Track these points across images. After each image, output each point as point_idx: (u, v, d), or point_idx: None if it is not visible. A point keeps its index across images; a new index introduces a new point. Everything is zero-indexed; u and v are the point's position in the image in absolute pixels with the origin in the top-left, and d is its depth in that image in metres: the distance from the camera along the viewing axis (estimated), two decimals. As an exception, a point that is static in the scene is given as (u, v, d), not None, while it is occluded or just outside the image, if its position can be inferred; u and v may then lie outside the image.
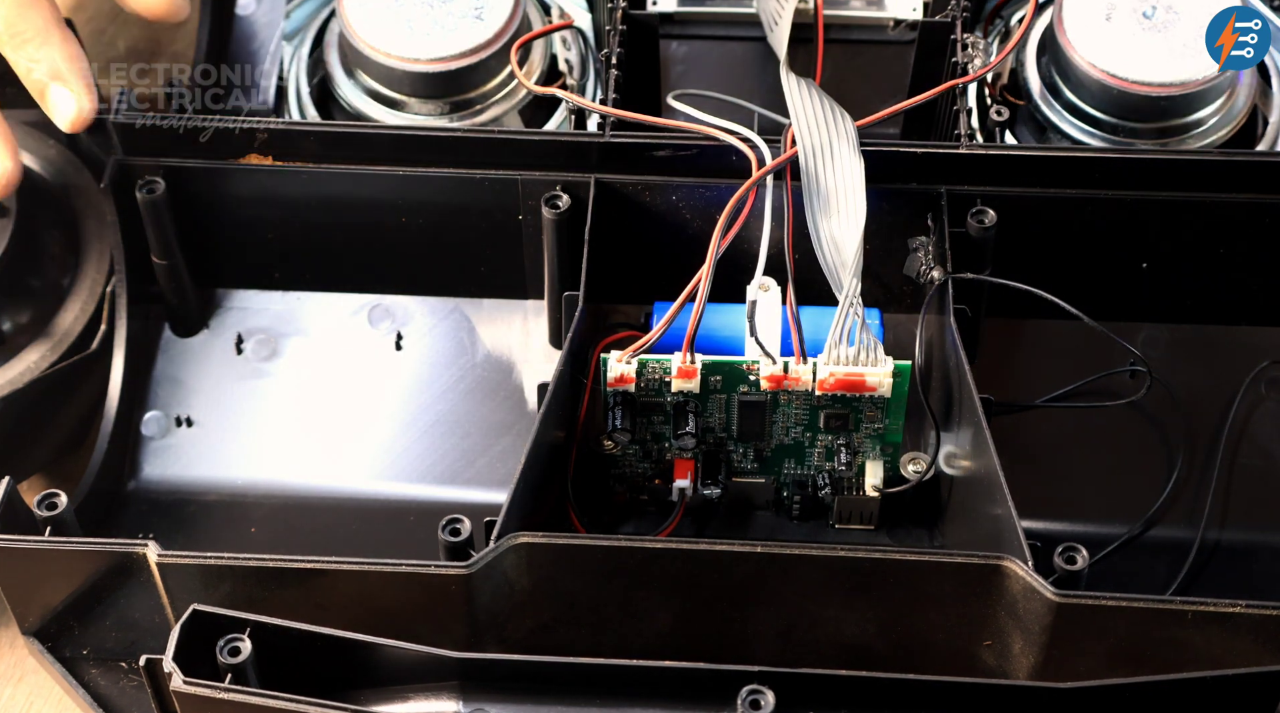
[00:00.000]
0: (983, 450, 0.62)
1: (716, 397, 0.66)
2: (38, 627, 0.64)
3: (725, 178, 0.67)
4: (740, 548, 0.60)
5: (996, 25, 0.78)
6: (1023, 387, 0.73)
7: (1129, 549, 0.69)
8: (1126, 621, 0.58)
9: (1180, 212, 0.69)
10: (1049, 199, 0.70)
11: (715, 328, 0.67)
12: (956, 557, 0.59)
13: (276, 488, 0.72)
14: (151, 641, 0.64)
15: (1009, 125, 0.74)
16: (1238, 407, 0.72)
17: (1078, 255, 0.71)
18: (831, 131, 0.66)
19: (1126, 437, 0.72)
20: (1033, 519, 0.67)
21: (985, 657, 0.62)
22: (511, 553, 0.59)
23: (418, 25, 0.73)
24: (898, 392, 0.65)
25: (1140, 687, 0.55)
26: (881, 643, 0.62)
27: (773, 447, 0.68)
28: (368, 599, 0.60)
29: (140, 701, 0.64)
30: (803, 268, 0.65)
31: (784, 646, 0.63)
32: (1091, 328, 0.69)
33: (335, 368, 0.74)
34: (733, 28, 0.82)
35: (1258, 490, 0.70)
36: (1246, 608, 0.57)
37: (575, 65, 0.77)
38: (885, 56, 0.81)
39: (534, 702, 0.57)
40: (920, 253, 0.68)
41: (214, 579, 0.60)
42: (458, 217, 0.72)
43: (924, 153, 0.69)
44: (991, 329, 0.72)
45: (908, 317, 0.70)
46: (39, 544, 0.61)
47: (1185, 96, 0.71)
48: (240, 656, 0.55)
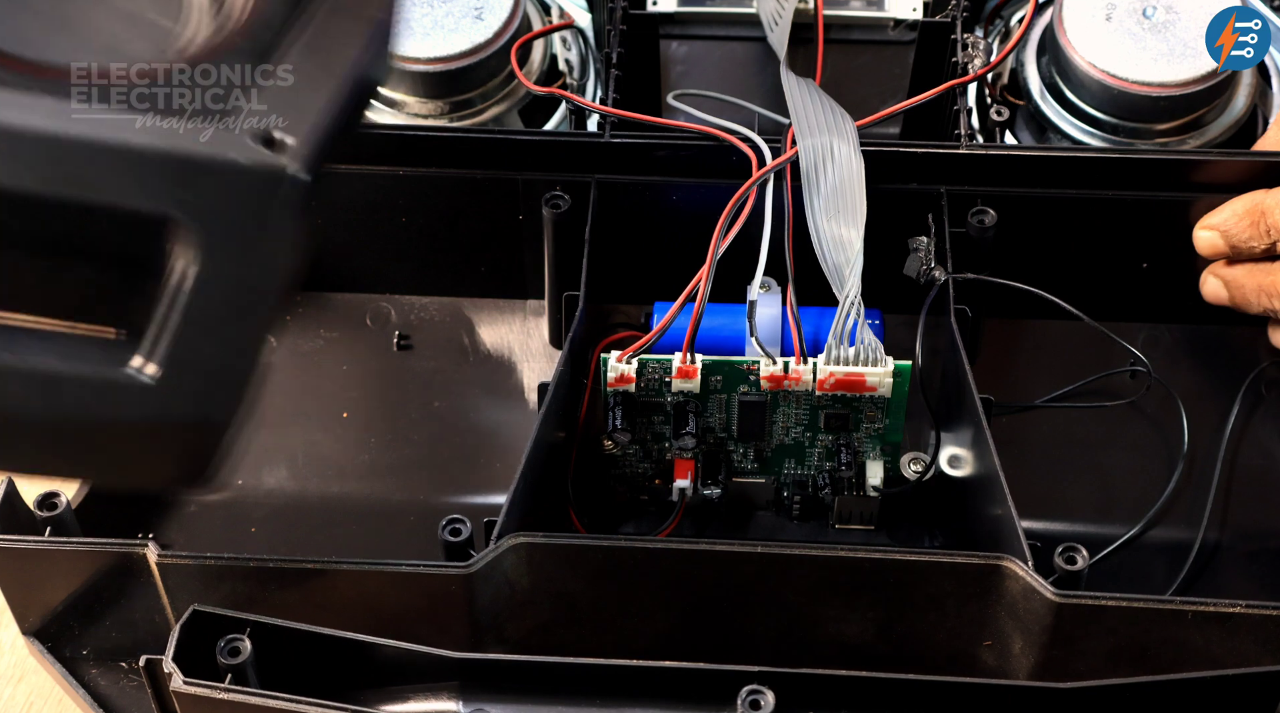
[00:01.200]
0: (983, 450, 0.62)
1: (716, 397, 0.66)
2: (38, 627, 0.64)
3: (725, 178, 0.67)
4: (740, 548, 0.60)
5: (996, 25, 0.78)
6: (1023, 387, 0.73)
7: (1129, 549, 0.69)
8: (1126, 621, 0.58)
9: (1180, 211, 0.69)
10: (1049, 199, 0.70)
11: (715, 328, 0.67)
12: (956, 557, 0.59)
13: (276, 488, 0.72)
14: (151, 641, 0.64)
15: (1009, 125, 0.74)
16: (1238, 407, 0.72)
17: (1078, 255, 0.71)
18: (831, 131, 0.66)
19: (1126, 437, 0.72)
20: (1033, 519, 0.67)
21: (985, 657, 0.62)
22: (511, 553, 0.59)
23: (417, 25, 0.73)
24: (898, 392, 0.65)
25: (1140, 687, 0.55)
26: (881, 643, 0.62)
27: (773, 447, 0.68)
28: (368, 599, 0.60)
29: (140, 701, 0.64)
30: (803, 268, 0.65)
31: (784, 646, 0.63)
32: (1091, 328, 0.69)
33: (335, 368, 0.74)
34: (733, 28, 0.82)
35: (1258, 490, 0.70)
36: (1246, 608, 0.57)
37: (575, 65, 0.77)
38: (885, 56, 0.81)
39: (534, 702, 0.57)
40: (920, 253, 0.68)
41: (214, 579, 0.60)
42: (458, 217, 0.72)
43: (924, 153, 0.69)
44: (991, 329, 0.72)
45: (908, 317, 0.70)
46: (39, 544, 0.61)
47: (1185, 96, 0.71)
48: (240, 656, 0.55)
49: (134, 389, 0.48)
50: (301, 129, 0.49)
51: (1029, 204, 0.70)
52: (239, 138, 0.48)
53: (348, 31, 0.53)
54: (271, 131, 0.49)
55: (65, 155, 0.48)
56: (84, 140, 0.48)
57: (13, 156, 0.47)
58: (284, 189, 0.49)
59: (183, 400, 0.49)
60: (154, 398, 0.49)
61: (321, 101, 0.51)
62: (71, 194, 0.48)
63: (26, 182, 0.47)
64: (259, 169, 0.48)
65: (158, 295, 0.49)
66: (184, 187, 0.48)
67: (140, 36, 0.53)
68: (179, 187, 0.48)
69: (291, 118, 0.49)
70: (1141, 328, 0.74)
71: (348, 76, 0.52)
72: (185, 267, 0.48)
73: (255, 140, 0.48)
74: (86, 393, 0.48)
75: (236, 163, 0.48)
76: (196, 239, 0.48)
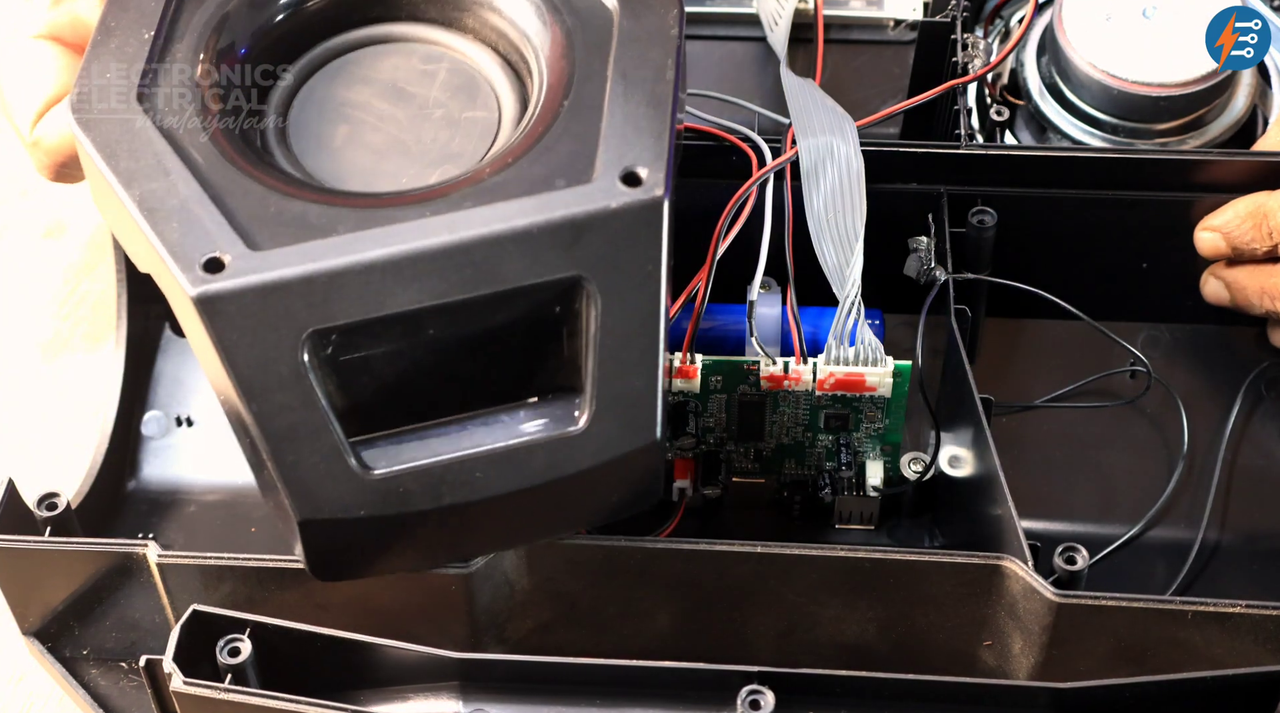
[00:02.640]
0: (983, 450, 0.62)
1: (716, 397, 0.66)
2: (38, 627, 0.64)
3: (725, 178, 0.67)
4: (740, 548, 0.60)
5: (996, 25, 0.78)
6: (1023, 387, 0.73)
7: (1129, 549, 0.69)
8: (1126, 621, 0.58)
9: (1180, 211, 0.69)
10: (1049, 199, 0.70)
11: (715, 328, 0.67)
12: (956, 557, 0.59)
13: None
14: (151, 641, 0.64)
15: (1009, 125, 0.74)
16: (1238, 407, 0.72)
17: (1078, 255, 0.71)
18: (831, 131, 0.66)
19: (1126, 437, 0.72)
20: (1033, 519, 0.67)
21: (985, 657, 0.62)
22: (511, 553, 0.59)
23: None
24: (898, 392, 0.65)
25: (1140, 687, 0.55)
26: (881, 643, 0.62)
27: (773, 447, 0.68)
28: (368, 599, 0.60)
29: (140, 701, 0.64)
30: (803, 268, 0.65)
31: (784, 646, 0.63)
32: (1091, 328, 0.69)
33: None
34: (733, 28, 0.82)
35: (1258, 490, 0.70)
36: (1246, 608, 0.57)
37: (575, 65, 0.77)
38: (885, 56, 0.81)
39: (534, 702, 0.57)
40: (920, 253, 0.68)
41: (214, 579, 0.60)
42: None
43: (924, 153, 0.69)
44: (991, 329, 0.72)
45: (908, 317, 0.70)
46: (39, 544, 0.61)
47: (1185, 96, 0.71)
48: (240, 656, 0.55)
49: (580, 438, 0.53)
50: (652, 158, 0.53)
51: (1029, 204, 0.70)
52: (602, 186, 0.53)
53: (655, 59, 0.57)
54: (634, 169, 0.53)
55: (467, 258, 0.52)
56: (479, 239, 0.52)
57: (425, 277, 0.52)
58: (658, 215, 0.53)
59: (621, 434, 0.53)
60: (597, 440, 0.53)
61: (661, 126, 0.55)
62: (484, 290, 0.52)
63: (444, 293, 0.52)
64: (634, 207, 0.53)
65: (580, 349, 0.53)
66: (574, 246, 0.52)
67: (466, 134, 0.58)
68: (570, 248, 0.52)
69: (639, 148, 0.54)
70: (1141, 328, 0.74)
71: (672, 98, 0.56)
72: (593, 316, 0.52)
73: (621, 181, 0.53)
74: (542, 457, 0.53)
75: (611, 208, 0.52)
76: (596, 287, 0.52)
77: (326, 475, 0.52)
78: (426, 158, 0.58)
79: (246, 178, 0.54)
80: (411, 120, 0.59)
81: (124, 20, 0.57)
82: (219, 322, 0.51)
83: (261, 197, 0.54)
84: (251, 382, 0.51)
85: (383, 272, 0.51)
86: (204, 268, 0.51)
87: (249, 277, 0.51)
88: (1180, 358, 0.73)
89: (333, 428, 0.52)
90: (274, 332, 0.51)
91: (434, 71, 0.61)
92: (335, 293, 0.51)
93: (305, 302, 0.51)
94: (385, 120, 0.59)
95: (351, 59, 0.61)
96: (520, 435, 0.53)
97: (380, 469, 0.52)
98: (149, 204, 0.53)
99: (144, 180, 0.53)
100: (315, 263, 0.51)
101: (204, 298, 0.51)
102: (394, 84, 0.60)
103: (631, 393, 0.53)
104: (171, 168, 0.54)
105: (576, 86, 0.56)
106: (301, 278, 0.51)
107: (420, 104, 0.60)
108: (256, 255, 0.52)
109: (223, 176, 0.54)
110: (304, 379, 0.51)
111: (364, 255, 0.51)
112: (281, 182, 0.55)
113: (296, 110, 0.60)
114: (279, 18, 0.60)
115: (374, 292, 0.51)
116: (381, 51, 0.61)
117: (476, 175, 0.54)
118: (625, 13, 0.58)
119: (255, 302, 0.51)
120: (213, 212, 0.53)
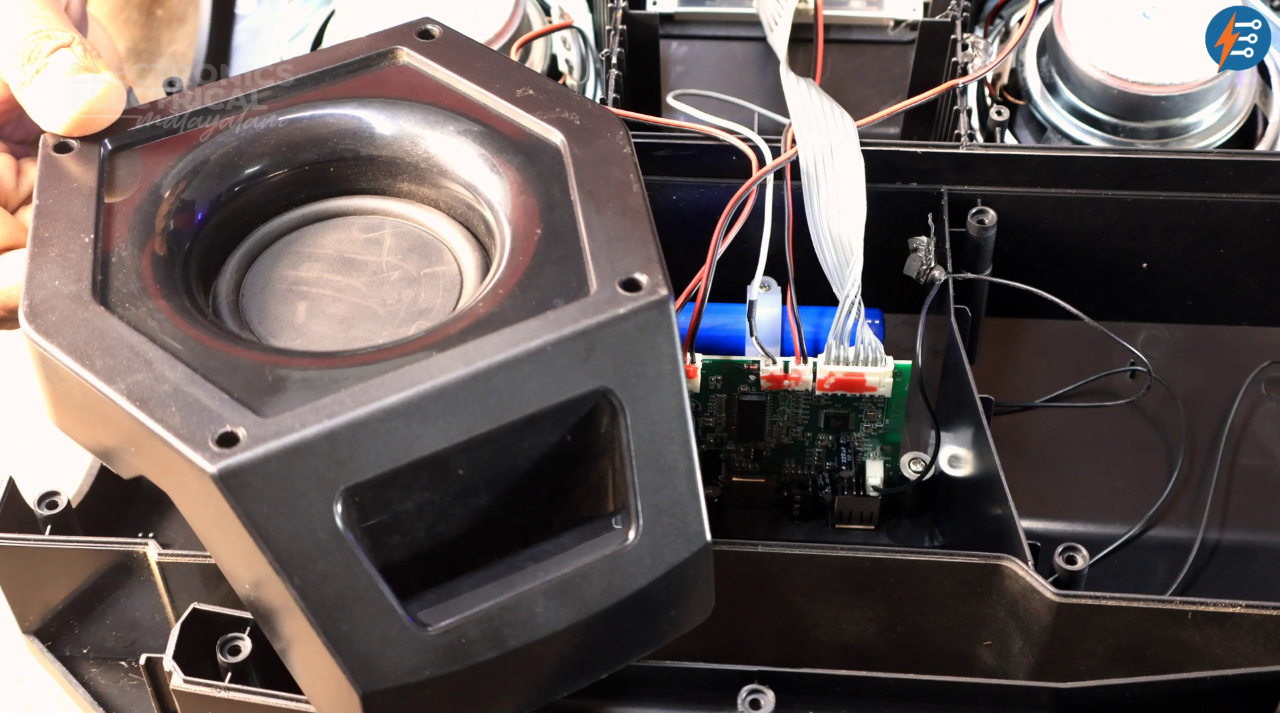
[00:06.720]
0: (983, 450, 0.62)
1: (716, 396, 0.66)
2: (38, 626, 0.64)
3: (725, 178, 0.67)
4: (740, 548, 0.60)
5: (996, 25, 0.78)
6: (1023, 387, 0.73)
7: (1129, 549, 0.69)
8: (1126, 620, 0.58)
9: (1180, 211, 0.69)
10: (1049, 199, 0.70)
11: (715, 328, 0.67)
12: (956, 557, 0.59)
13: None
14: (151, 640, 0.64)
15: (1009, 125, 0.74)
16: (1238, 407, 0.72)
17: (1078, 255, 0.71)
18: (831, 131, 0.66)
19: (1126, 437, 0.72)
20: (1033, 519, 0.67)
21: (985, 657, 0.62)
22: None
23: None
24: (898, 392, 0.65)
25: (1140, 687, 0.55)
26: (881, 643, 0.62)
27: (773, 447, 0.68)
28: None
29: (140, 700, 0.64)
30: (803, 268, 0.65)
31: (784, 645, 0.63)
32: (1091, 328, 0.69)
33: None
34: (733, 28, 0.82)
35: (1258, 490, 0.70)
36: (1246, 608, 0.57)
37: (575, 65, 0.77)
38: (885, 56, 0.81)
39: (534, 702, 0.57)
40: (920, 253, 0.68)
41: (214, 578, 0.60)
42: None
43: (924, 153, 0.69)
44: (991, 329, 0.72)
45: (908, 317, 0.70)
46: (39, 543, 0.61)
47: (1185, 96, 0.71)
48: (240, 655, 0.55)
49: (634, 553, 0.51)
50: (645, 263, 0.53)
51: (1029, 204, 0.70)
52: (604, 296, 0.52)
53: (617, 177, 0.56)
54: (631, 275, 0.52)
55: (488, 386, 0.50)
56: (496, 365, 0.50)
57: (448, 413, 0.50)
58: (666, 316, 0.52)
59: (673, 543, 0.52)
60: (650, 553, 0.52)
61: (644, 233, 0.54)
62: (510, 417, 0.50)
63: (470, 427, 0.50)
64: (641, 310, 0.52)
65: (615, 463, 0.52)
66: (589, 358, 0.51)
67: (430, 289, 0.57)
68: (586, 361, 0.51)
69: (630, 257, 0.53)
70: (1141, 328, 0.74)
71: (645, 208, 0.55)
72: (623, 427, 0.51)
73: (621, 288, 0.52)
74: (599, 581, 0.51)
75: (620, 314, 0.51)
76: (619, 396, 0.51)
77: (383, 640, 0.49)
78: (396, 318, 0.56)
79: (230, 356, 0.51)
80: (370, 286, 0.57)
81: (57, 230, 0.55)
82: (245, 496, 0.48)
83: (254, 369, 0.51)
84: (290, 554, 0.48)
85: (405, 415, 0.49)
86: (217, 444, 0.48)
87: (268, 444, 0.48)
88: (1180, 358, 0.73)
89: (382, 589, 0.49)
90: (304, 497, 0.48)
91: (379, 238, 0.59)
92: (360, 445, 0.49)
93: (331, 460, 0.48)
94: (343, 291, 0.57)
95: (288, 241, 0.59)
96: (573, 562, 0.51)
97: (438, 624, 0.49)
98: (139, 395, 0.50)
99: (126, 374, 0.50)
100: (334, 418, 0.48)
101: (226, 473, 0.47)
102: (341, 256, 0.58)
103: (675, 498, 0.52)
104: (153, 357, 0.51)
105: (545, 215, 0.55)
106: (323, 435, 0.48)
107: (374, 270, 0.58)
108: (269, 421, 0.49)
109: (206, 357, 0.51)
110: (343, 542, 0.48)
111: (383, 402, 0.49)
112: (268, 354, 0.52)
113: (246, 298, 0.57)
114: (213, 220, 0.58)
115: (400, 437, 0.49)
116: (318, 229, 0.60)
117: (471, 313, 0.53)
118: (573, 142, 0.57)
119: (279, 469, 0.48)
120: (209, 389, 0.50)
